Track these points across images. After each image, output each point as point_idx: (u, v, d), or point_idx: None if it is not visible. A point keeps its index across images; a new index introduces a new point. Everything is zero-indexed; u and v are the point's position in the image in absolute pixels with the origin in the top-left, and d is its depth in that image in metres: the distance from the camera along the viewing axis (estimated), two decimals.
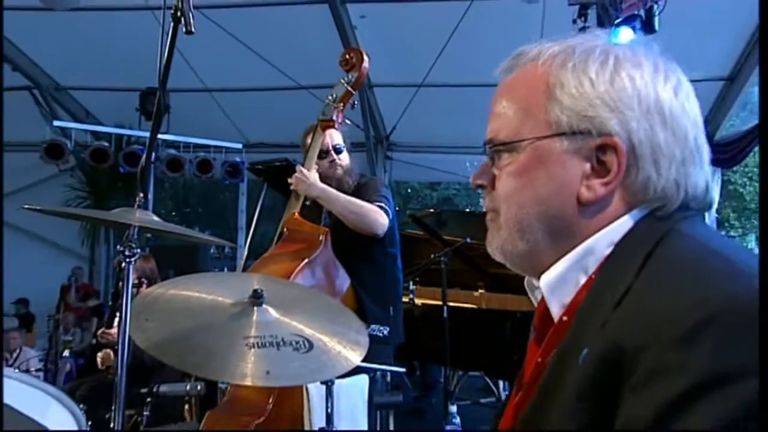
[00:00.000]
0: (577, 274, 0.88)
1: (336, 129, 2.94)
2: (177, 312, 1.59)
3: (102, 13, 6.60)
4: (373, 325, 2.80)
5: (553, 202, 0.89)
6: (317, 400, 2.31)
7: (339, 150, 3.01)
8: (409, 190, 16.64)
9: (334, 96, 2.88)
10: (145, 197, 1.63)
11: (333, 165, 3.00)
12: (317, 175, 2.89)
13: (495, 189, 0.94)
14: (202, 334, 1.54)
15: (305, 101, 6.25)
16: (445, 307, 4.46)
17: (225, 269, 8.06)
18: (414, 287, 5.15)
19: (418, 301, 5.09)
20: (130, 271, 1.55)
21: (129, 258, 1.56)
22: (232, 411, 2.45)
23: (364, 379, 2.54)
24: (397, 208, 3.26)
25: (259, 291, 1.63)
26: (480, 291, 5.19)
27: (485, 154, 0.97)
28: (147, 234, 1.74)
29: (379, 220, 2.84)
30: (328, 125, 2.89)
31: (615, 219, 0.87)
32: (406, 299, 4.65)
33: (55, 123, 7.67)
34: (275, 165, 5.36)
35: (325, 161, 2.98)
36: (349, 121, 3.07)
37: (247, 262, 3.85)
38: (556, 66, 0.89)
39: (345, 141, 3.06)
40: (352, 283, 2.86)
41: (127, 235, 1.58)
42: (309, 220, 2.91)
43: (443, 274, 4.52)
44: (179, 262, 7.43)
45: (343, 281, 2.83)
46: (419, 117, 7.56)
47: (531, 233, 0.90)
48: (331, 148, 2.99)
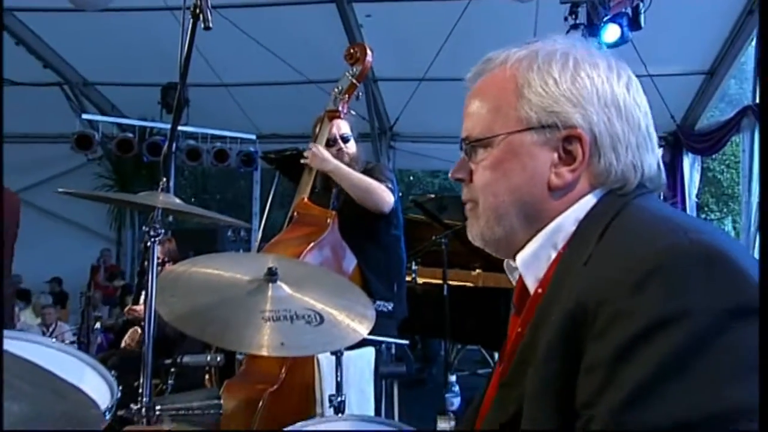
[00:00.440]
0: (548, 250, 0.92)
1: (342, 119, 2.92)
2: (198, 288, 1.60)
3: (126, 14, 6.58)
4: (379, 301, 2.79)
5: (526, 189, 0.92)
6: (327, 369, 2.31)
7: (346, 139, 2.98)
8: (411, 177, 16.61)
9: (339, 88, 2.86)
10: (168, 182, 1.63)
11: (340, 153, 2.98)
12: (328, 153, 2.85)
13: (472, 182, 0.98)
14: (221, 308, 1.55)
15: (314, 95, 6.21)
16: (446, 286, 4.47)
17: (240, 251, 8.07)
18: (416, 267, 5.15)
19: (420, 280, 5.10)
20: (155, 250, 1.55)
21: (154, 238, 1.56)
22: (248, 379, 2.46)
23: (370, 351, 2.54)
24: (401, 194, 3.25)
25: (274, 269, 1.63)
26: (477, 271, 5.20)
27: (462, 150, 1.01)
28: (169, 218, 1.73)
29: (385, 197, 2.81)
30: (334, 115, 2.88)
31: (580, 199, 0.91)
32: (408, 278, 4.65)
33: (84, 116, 7.67)
34: (286, 154, 5.34)
35: (333, 149, 2.96)
36: (354, 112, 3.04)
37: (261, 244, 3.85)
38: (522, 68, 0.93)
39: (352, 130, 3.04)
40: (358, 263, 2.84)
41: (152, 217, 1.57)
42: (317, 204, 2.90)
43: (444, 255, 4.51)
44: (198, 244, 7.44)
45: (350, 261, 2.82)
46: (421, 109, 7.54)
47: (507, 219, 0.94)
48: (338, 137, 2.97)
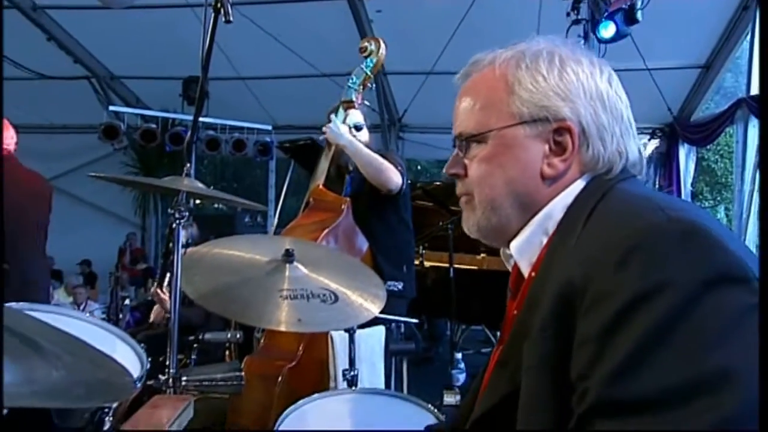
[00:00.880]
0: (540, 236, 0.93)
1: (356, 109, 2.91)
2: (220, 268, 1.61)
3: (150, 11, 6.56)
4: (389, 281, 2.79)
5: (521, 180, 0.93)
6: (340, 347, 2.32)
7: (359, 128, 2.97)
8: (419, 167, 16.56)
9: (354, 80, 2.85)
10: (191, 167, 1.63)
11: None
12: (347, 128, 2.85)
13: (467, 176, 0.98)
14: (242, 287, 1.55)
15: (326, 87, 6.22)
16: (452, 269, 4.47)
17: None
18: (424, 252, 5.14)
19: (427, 264, 5.09)
20: (180, 232, 1.56)
21: (179, 220, 1.56)
22: (268, 356, 2.47)
23: (381, 330, 2.54)
24: (409, 181, 3.23)
25: (291, 251, 1.64)
26: (482, 255, 5.19)
27: (454, 147, 1.01)
28: (191, 203, 1.73)
29: (394, 178, 2.79)
30: (349, 105, 2.87)
31: (571, 184, 0.92)
32: (416, 262, 4.65)
33: (110, 108, 7.68)
34: (300, 143, 5.34)
35: None
36: (368, 103, 3.03)
37: (277, 230, 3.86)
38: (512, 67, 0.95)
39: (365, 120, 3.03)
40: (369, 246, 2.85)
41: (177, 200, 1.58)
42: (332, 191, 2.90)
43: (450, 239, 4.51)
44: (217, 229, 7.49)
45: (362, 244, 2.83)
46: (428, 101, 7.46)
47: (502, 209, 0.95)
48: (351, 125, 2.96)
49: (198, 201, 1.68)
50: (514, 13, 5.59)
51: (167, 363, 1.50)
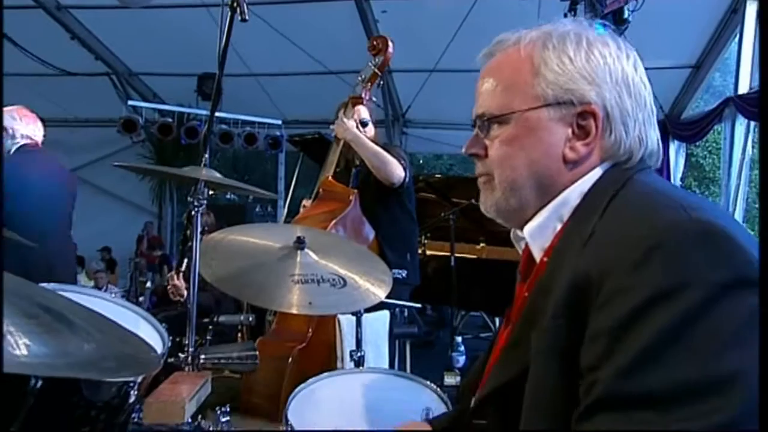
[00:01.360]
0: (554, 222, 0.89)
1: (364, 105, 2.90)
2: (235, 253, 1.62)
3: (167, 10, 6.55)
4: (393, 269, 2.79)
5: (543, 162, 0.89)
6: (347, 329, 2.33)
7: (365, 123, 2.96)
8: (421, 161, 16.55)
9: (363, 77, 2.84)
10: (209, 158, 1.64)
11: None
12: (354, 123, 2.85)
13: (487, 156, 0.94)
14: (255, 271, 1.56)
15: (334, 84, 6.21)
16: (453, 258, 4.47)
17: None
18: (426, 241, 5.14)
19: (428, 253, 5.09)
20: (198, 219, 1.56)
21: (197, 207, 1.57)
22: (279, 337, 2.48)
23: (385, 314, 2.55)
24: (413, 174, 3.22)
25: (302, 238, 1.65)
26: (481, 244, 5.19)
27: (474, 127, 0.97)
28: (208, 192, 1.74)
29: (397, 171, 2.79)
30: (357, 101, 2.86)
31: (589, 172, 0.88)
32: (419, 251, 4.65)
33: (129, 103, 7.67)
34: (309, 138, 5.35)
35: None
36: (375, 99, 3.02)
37: (286, 219, 3.87)
38: (538, 48, 0.89)
39: (372, 116, 3.02)
40: (376, 235, 2.85)
41: (195, 189, 1.58)
42: (340, 182, 2.90)
43: (451, 230, 4.50)
44: (229, 217, 7.52)
45: (369, 233, 2.82)
46: (431, 98, 7.47)
47: (522, 191, 0.90)
48: (358, 121, 2.96)
49: (212, 191, 1.68)
50: (514, 13, 5.54)
51: (185, 342, 1.51)
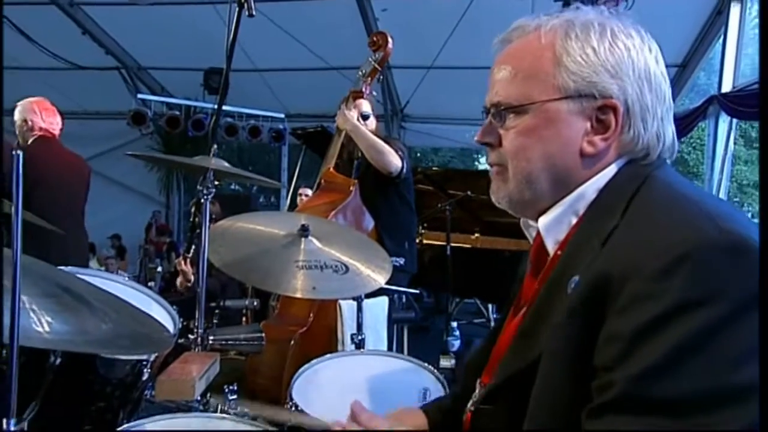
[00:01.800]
0: (569, 216, 0.85)
1: (365, 99, 2.89)
2: (242, 240, 1.61)
3: (174, 6, 6.51)
4: (392, 257, 2.79)
5: (560, 156, 0.83)
6: (348, 314, 2.34)
7: (366, 116, 2.94)
8: (418, 154, 16.52)
9: (363, 72, 2.83)
10: (217, 148, 1.63)
11: None
12: (356, 114, 2.84)
13: (502, 146, 0.87)
14: (262, 257, 1.56)
15: (335, 79, 6.20)
16: (449, 247, 4.47)
17: None
18: (423, 231, 5.15)
19: (425, 242, 5.11)
20: (207, 207, 1.56)
21: (207, 196, 1.57)
22: (282, 321, 2.48)
23: (384, 299, 2.55)
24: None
25: (306, 225, 1.65)
26: (476, 234, 5.20)
27: (487, 115, 0.89)
28: (215, 182, 1.73)
29: (394, 161, 2.78)
30: (358, 95, 2.85)
31: (606, 167, 0.84)
32: (416, 241, 4.66)
33: (138, 96, 7.65)
34: (312, 131, 5.33)
35: None
36: (375, 93, 3.01)
37: (289, 209, 3.86)
38: (560, 37, 0.83)
39: (373, 110, 3.01)
40: (375, 224, 2.85)
41: (204, 177, 1.58)
42: (342, 173, 2.89)
43: (448, 220, 4.50)
44: (234, 207, 7.49)
45: (369, 222, 2.82)
46: (429, 94, 7.46)
47: (537, 183, 0.85)
48: (359, 114, 2.94)
49: (217, 181, 1.67)
50: (510, 12, 5.48)
51: (194, 325, 1.51)
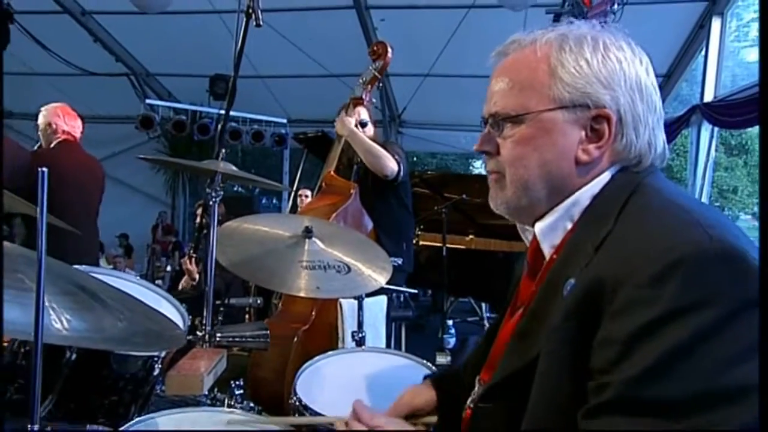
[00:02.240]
0: (565, 221, 0.85)
1: (364, 106, 2.89)
2: (248, 241, 1.61)
3: (181, 15, 6.51)
4: (390, 257, 2.79)
5: (555, 164, 0.84)
6: (348, 312, 2.33)
7: (364, 124, 2.93)
8: (415, 158, 16.53)
9: (363, 79, 2.82)
10: (225, 152, 1.62)
11: None
12: (353, 121, 2.83)
13: (500, 155, 0.88)
14: (267, 257, 1.56)
15: (335, 86, 6.19)
16: (444, 248, 4.47)
17: None
18: (419, 233, 5.15)
19: (422, 243, 5.11)
20: (215, 209, 1.55)
21: (215, 198, 1.56)
22: (284, 319, 2.46)
23: (383, 298, 2.55)
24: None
25: (310, 227, 1.64)
26: (470, 236, 5.20)
27: (486, 125, 0.90)
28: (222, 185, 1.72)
29: (390, 165, 2.76)
30: (358, 102, 2.85)
31: (600, 174, 0.84)
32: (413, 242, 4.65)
33: (147, 101, 7.64)
34: (313, 136, 5.32)
35: None
36: (375, 100, 3.01)
37: (290, 211, 3.86)
38: (554, 49, 0.83)
39: (371, 117, 3.00)
40: (374, 225, 2.85)
41: (211, 180, 1.57)
42: (341, 176, 2.89)
43: (444, 222, 4.50)
44: (237, 209, 7.47)
45: (368, 224, 2.81)
46: (425, 100, 7.49)
47: (534, 190, 0.85)
48: (358, 121, 2.94)
49: (222, 183, 1.66)
50: (502, 24, 5.53)
51: (201, 322, 1.51)
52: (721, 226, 0.71)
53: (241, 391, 1.34)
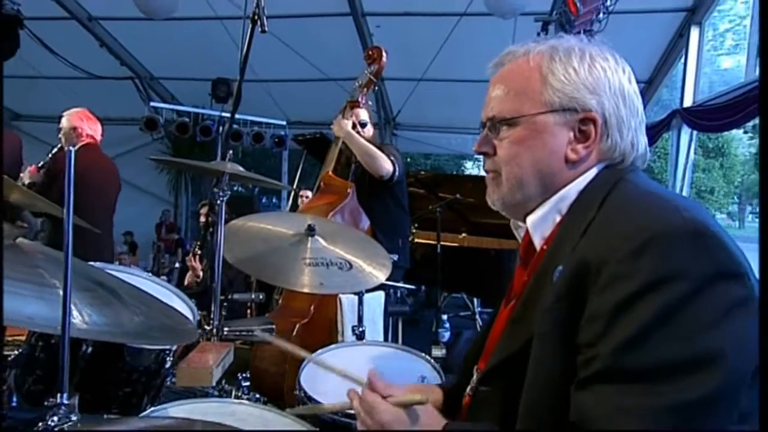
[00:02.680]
0: (554, 214, 0.90)
1: (361, 108, 2.89)
2: (253, 238, 1.61)
3: (185, 21, 6.45)
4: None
5: (546, 162, 0.89)
6: (348, 307, 2.33)
7: (363, 124, 2.93)
8: (409, 159, 16.53)
9: (360, 83, 2.83)
10: (231, 153, 1.61)
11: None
12: (350, 123, 2.83)
13: (496, 155, 0.93)
14: (272, 254, 1.56)
15: (332, 89, 6.19)
16: (439, 246, 4.47)
17: None
18: (414, 231, 5.14)
19: (417, 241, 5.11)
20: (222, 208, 1.55)
21: (222, 197, 1.55)
22: (284, 314, 2.46)
23: (381, 294, 2.55)
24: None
25: (313, 225, 1.64)
26: (463, 234, 5.21)
27: (484, 128, 0.95)
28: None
29: (385, 165, 2.77)
30: (354, 105, 2.85)
31: (586, 172, 0.89)
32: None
33: (151, 104, 7.59)
34: (311, 137, 5.31)
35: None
36: (371, 103, 3.00)
37: (290, 210, 3.84)
38: (546, 59, 0.89)
39: (370, 118, 3.00)
40: (371, 223, 2.84)
41: (218, 180, 1.56)
42: (339, 176, 2.89)
43: (438, 221, 4.50)
44: (239, 207, 7.44)
45: (365, 222, 2.81)
46: (419, 104, 7.48)
47: (527, 186, 0.90)
48: (356, 122, 2.93)
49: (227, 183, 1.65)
50: (493, 31, 5.54)
51: (209, 317, 1.50)
52: (694, 208, 0.75)
53: (248, 383, 1.34)
